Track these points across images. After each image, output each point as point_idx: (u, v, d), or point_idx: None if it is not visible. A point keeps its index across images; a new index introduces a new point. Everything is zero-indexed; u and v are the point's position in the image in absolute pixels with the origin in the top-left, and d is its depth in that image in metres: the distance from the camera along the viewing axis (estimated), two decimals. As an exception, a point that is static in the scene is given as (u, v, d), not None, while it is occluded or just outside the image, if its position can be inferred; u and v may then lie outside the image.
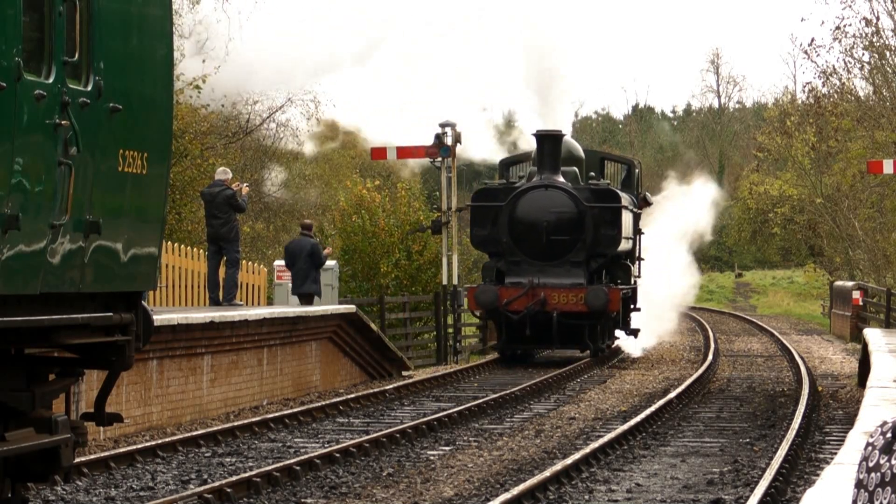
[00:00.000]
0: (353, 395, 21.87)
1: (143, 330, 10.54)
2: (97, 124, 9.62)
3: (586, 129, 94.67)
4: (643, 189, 35.39)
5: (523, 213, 28.92)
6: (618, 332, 32.99)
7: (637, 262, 33.90)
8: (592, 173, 30.71)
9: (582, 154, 31.69)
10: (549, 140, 29.50)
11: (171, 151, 10.87)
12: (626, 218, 30.33)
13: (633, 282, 32.44)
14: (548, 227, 28.70)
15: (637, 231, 33.37)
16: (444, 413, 19.34)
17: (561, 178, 29.29)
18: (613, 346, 33.00)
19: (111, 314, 10.02)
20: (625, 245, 30.36)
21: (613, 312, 29.27)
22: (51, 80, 9.09)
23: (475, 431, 18.41)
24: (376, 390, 22.88)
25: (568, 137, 31.44)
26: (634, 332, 33.68)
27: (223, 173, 23.11)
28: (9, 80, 8.58)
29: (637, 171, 34.48)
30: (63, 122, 9.17)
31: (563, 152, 29.90)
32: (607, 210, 29.21)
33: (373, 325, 25.99)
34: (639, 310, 33.70)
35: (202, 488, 12.74)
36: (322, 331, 23.99)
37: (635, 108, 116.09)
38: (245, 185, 23.87)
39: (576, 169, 30.21)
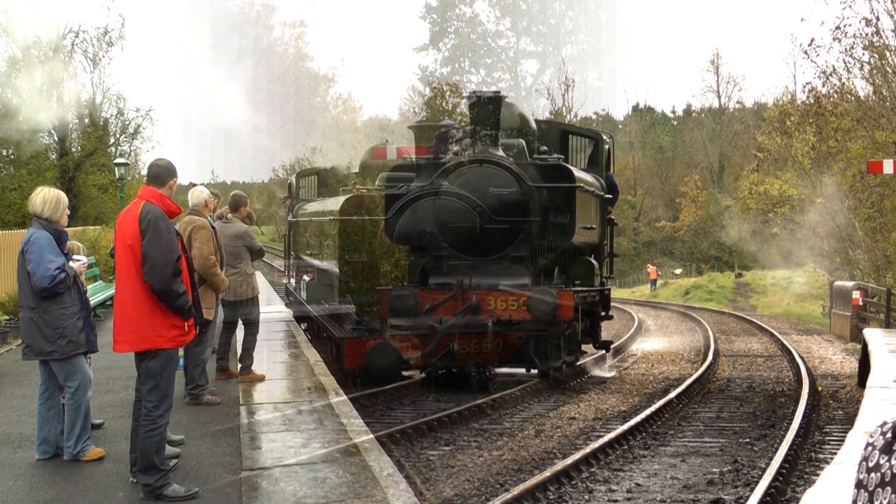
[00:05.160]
0: (353, 395, 21.87)
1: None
2: None
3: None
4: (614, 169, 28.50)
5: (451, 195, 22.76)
6: (586, 347, 27.02)
7: (608, 259, 27.46)
8: (545, 147, 24.29)
9: (533, 124, 25.07)
10: (485, 104, 22.83)
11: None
12: (586, 202, 23.94)
13: (599, 283, 25.95)
14: (482, 214, 22.51)
15: (606, 220, 26.64)
16: (444, 413, 19.34)
17: (500, 153, 22.89)
18: (578, 363, 26.57)
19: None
20: (584, 236, 24.03)
21: (565, 321, 22.41)
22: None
23: (475, 431, 18.41)
24: (376, 390, 22.88)
25: (512, 101, 24.70)
26: (605, 346, 27.00)
27: None
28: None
29: (607, 147, 27.25)
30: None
31: (508, 120, 23.83)
32: (558, 192, 22.67)
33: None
34: (610, 317, 26.90)
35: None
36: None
37: (635, 108, 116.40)
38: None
39: (522, 142, 23.78)
